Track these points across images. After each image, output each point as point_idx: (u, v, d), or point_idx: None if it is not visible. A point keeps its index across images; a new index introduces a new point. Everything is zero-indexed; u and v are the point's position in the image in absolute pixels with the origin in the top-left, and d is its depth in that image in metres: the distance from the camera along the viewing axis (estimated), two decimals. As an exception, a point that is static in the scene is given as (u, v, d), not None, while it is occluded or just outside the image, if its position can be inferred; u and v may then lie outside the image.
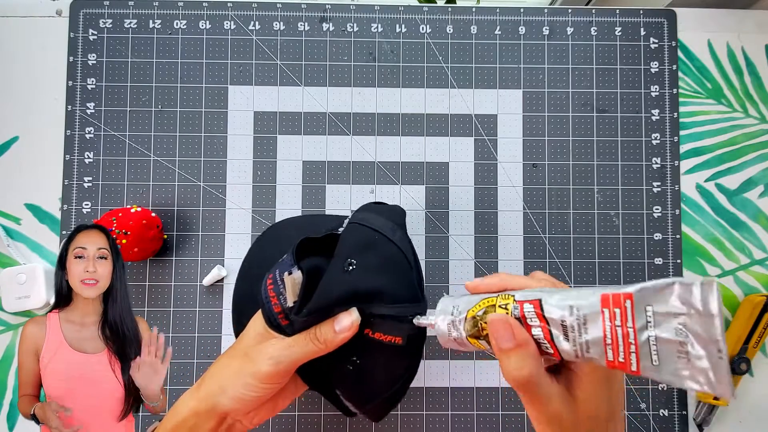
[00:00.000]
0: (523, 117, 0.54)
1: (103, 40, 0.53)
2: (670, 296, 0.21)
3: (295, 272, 0.30)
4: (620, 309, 0.22)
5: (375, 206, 0.39)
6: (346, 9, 0.54)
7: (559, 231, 0.53)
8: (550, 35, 0.55)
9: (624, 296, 0.22)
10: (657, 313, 0.21)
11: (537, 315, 0.24)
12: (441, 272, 0.52)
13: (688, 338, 0.20)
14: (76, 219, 0.51)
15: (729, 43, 0.55)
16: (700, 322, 0.20)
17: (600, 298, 0.22)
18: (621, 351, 0.22)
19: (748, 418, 0.52)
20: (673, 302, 0.21)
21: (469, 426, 0.50)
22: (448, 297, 0.30)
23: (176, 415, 0.32)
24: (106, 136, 0.52)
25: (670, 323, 0.21)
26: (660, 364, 0.21)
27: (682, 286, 0.20)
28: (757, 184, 0.54)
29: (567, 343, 0.23)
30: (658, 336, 0.21)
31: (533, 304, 0.24)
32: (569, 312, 0.23)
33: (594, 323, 0.22)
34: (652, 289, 0.21)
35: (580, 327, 0.23)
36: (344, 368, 0.33)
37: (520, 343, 0.24)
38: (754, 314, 0.50)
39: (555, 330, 0.24)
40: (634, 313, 0.21)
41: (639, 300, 0.21)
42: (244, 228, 0.52)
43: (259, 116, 0.53)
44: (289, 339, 0.31)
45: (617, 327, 0.22)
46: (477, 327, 0.27)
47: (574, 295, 0.23)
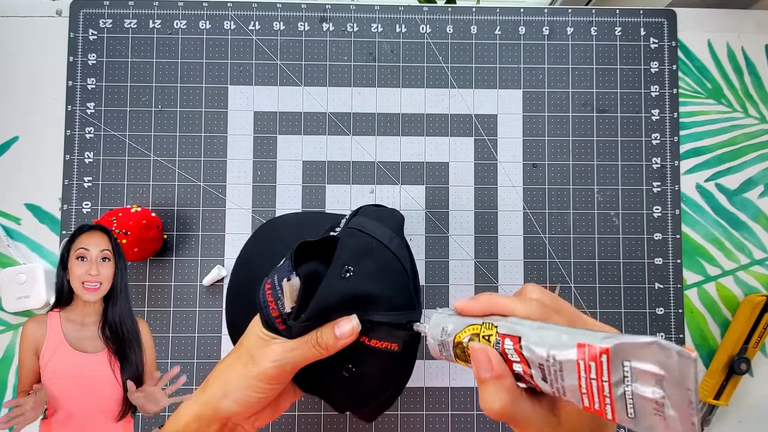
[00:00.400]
0: (523, 117, 0.54)
1: (103, 40, 0.53)
2: (648, 355, 0.20)
3: (293, 278, 0.31)
4: (596, 363, 0.21)
5: (374, 211, 0.39)
6: (346, 9, 0.54)
7: (559, 231, 0.53)
8: (550, 35, 0.55)
9: (600, 351, 0.21)
10: (635, 369, 0.20)
11: (516, 352, 0.24)
12: (441, 272, 0.52)
13: (664, 399, 0.20)
14: (76, 219, 0.51)
15: (729, 43, 0.55)
16: (676, 389, 0.19)
17: (576, 348, 0.22)
18: (596, 401, 0.21)
19: (748, 418, 0.52)
20: (651, 362, 0.20)
21: (469, 426, 0.50)
22: (440, 314, 0.29)
23: (178, 420, 0.32)
24: (106, 136, 0.52)
25: (647, 380, 0.20)
26: (636, 417, 0.21)
27: (660, 348, 0.20)
28: (757, 184, 0.54)
29: (545, 383, 0.23)
30: (634, 392, 0.20)
31: (513, 340, 0.24)
32: (546, 355, 0.23)
33: (570, 372, 0.22)
34: (630, 345, 0.20)
35: (556, 372, 0.22)
36: (340, 375, 0.33)
37: (497, 375, 0.25)
38: (754, 314, 0.50)
39: (533, 370, 0.24)
40: (610, 367, 0.21)
41: (616, 355, 0.21)
42: (244, 228, 0.52)
43: (259, 116, 0.53)
44: (291, 342, 0.31)
45: (592, 379, 0.21)
46: (464, 352, 0.27)
47: (552, 339, 0.23)
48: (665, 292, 0.52)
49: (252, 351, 0.32)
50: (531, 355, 0.23)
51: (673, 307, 0.52)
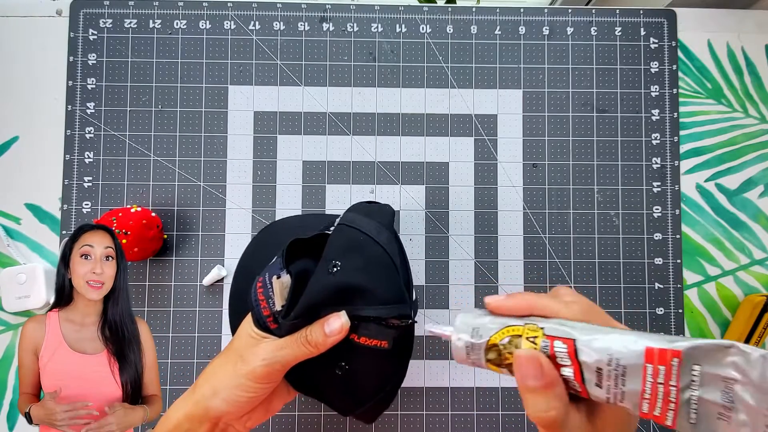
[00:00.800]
0: (523, 117, 0.54)
1: (103, 40, 0.53)
2: (723, 359, 0.20)
3: (283, 276, 0.30)
4: (665, 366, 0.20)
5: (365, 206, 0.39)
6: (346, 9, 0.54)
7: (559, 231, 0.53)
8: (550, 35, 0.55)
9: (672, 353, 0.20)
10: (705, 374, 0.20)
11: (570, 355, 0.23)
12: (441, 272, 0.52)
13: (734, 404, 0.19)
14: (76, 219, 0.51)
15: (729, 43, 0.55)
16: (754, 393, 0.19)
17: (644, 351, 0.21)
18: (659, 406, 0.21)
19: (748, 418, 0.52)
20: (726, 366, 0.19)
21: (469, 426, 0.50)
22: (468, 313, 0.27)
23: (169, 419, 0.32)
24: (106, 136, 0.52)
25: (717, 385, 0.20)
26: (697, 423, 0.20)
27: (740, 351, 0.19)
28: (757, 184, 0.54)
29: (599, 389, 0.22)
30: (701, 397, 0.20)
31: (567, 343, 0.23)
32: (607, 359, 0.21)
33: (634, 376, 0.21)
34: (705, 349, 0.20)
35: (617, 377, 0.21)
36: (333, 373, 0.33)
37: (548, 383, 0.23)
38: (754, 314, 0.50)
39: (588, 375, 0.22)
40: (680, 372, 0.20)
41: (687, 358, 0.20)
42: (244, 228, 0.52)
43: (259, 116, 0.53)
44: (281, 341, 0.31)
45: (659, 384, 0.20)
46: (500, 356, 0.25)
47: (615, 342, 0.22)
48: (665, 292, 0.52)
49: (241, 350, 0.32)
50: (588, 359, 0.22)
51: (673, 307, 0.52)
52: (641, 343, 0.21)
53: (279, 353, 0.31)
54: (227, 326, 0.51)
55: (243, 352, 0.32)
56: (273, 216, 0.52)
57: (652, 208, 0.53)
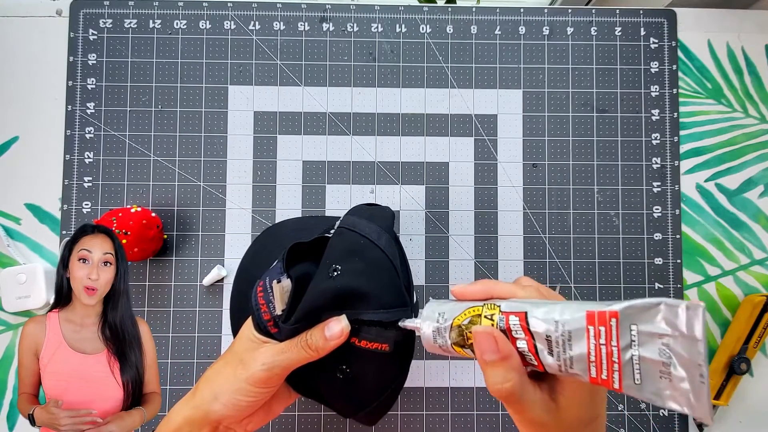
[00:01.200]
0: (523, 117, 0.54)
1: (103, 40, 0.53)
2: (655, 316, 0.21)
3: (284, 280, 0.30)
4: (605, 327, 0.21)
5: (365, 209, 0.39)
6: (346, 9, 0.54)
7: (559, 231, 0.53)
8: (550, 35, 0.55)
9: (610, 314, 0.21)
10: (641, 333, 0.21)
11: (522, 328, 0.24)
12: (441, 272, 0.52)
13: (671, 359, 0.20)
14: (76, 219, 0.51)
15: (729, 43, 0.55)
16: (684, 344, 0.20)
17: (585, 314, 0.22)
18: (604, 369, 0.22)
19: (748, 418, 0.52)
20: (659, 322, 0.20)
21: (469, 426, 0.50)
22: (435, 302, 0.29)
23: (169, 423, 0.32)
24: (106, 136, 0.52)
25: (654, 343, 0.21)
26: (642, 383, 0.21)
27: (667, 306, 0.20)
28: (757, 184, 0.54)
29: (551, 357, 0.23)
30: (641, 355, 0.21)
31: (519, 316, 0.24)
32: (554, 327, 0.23)
33: (578, 340, 0.22)
34: (638, 307, 0.21)
35: (564, 343, 0.23)
36: (334, 377, 0.33)
37: (504, 356, 0.24)
38: (754, 314, 0.50)
39: (540, 344, 0.24)
40: (618, 331, 0.21)
41: (624, 318, 0.21)
42: (244, 228, 0.52)
43: (259, 116, 0.53)
44: (282, 345, 0.31)
45: (601, 345, 0.22)
46: (462, 336, 0.27)
47: (560, 310, 0.23)
48: (665, 292, 0.52)
49: (242, 355, 0.32)
50: (538, 328, 0.23)
51: (673, 307, 0.52)
52: (583, 309, 0.22)
53: (279, 357, 0.31)
54: (227, 326, 0.51)
55: (243, 356, 0.32)
56: (273, 216, 0.52)
57: (652, 208, 0.53)
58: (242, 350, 0.32)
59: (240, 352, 0.32)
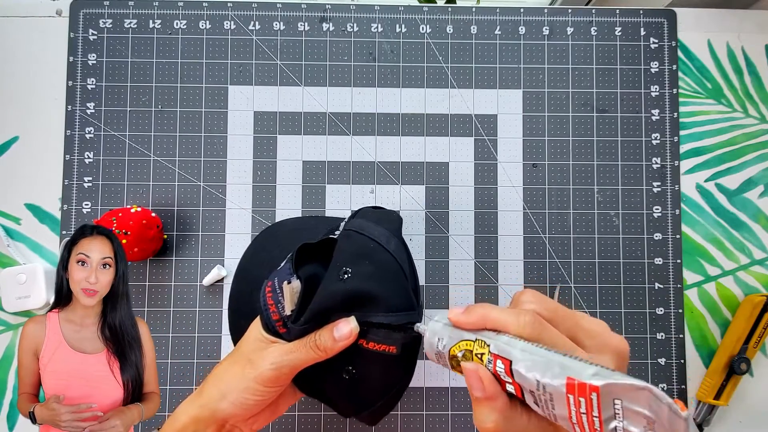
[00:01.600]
0: (523, 117, 0.54)
1: (103, 40, 0.53)
2: (640, 399, 0.20)
3: (293, 281, 0.31)
4: (585, 399, 0.21)
5: (372, 212, 0.39)
6: (346, 9, 0.54)
7: (559, 231, 0.53)
8: (550, 35, 0.55)
9: (590, 388, 0.21)
10: (626, 408, 0.20)
11: (508, 374, 0.24)
12: (441, 272, 0.52)
13: None
14: (76, 219, 0.51)
15: (729, 43, 0.55)
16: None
17: (566, 382, 0.21)
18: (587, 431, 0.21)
19: (748, 418, 0.52)
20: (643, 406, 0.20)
21: (469, 426, 0.50)
22: (436, 322, 0.29)
23: (175, 422, 0.32)
24: (106, 136, 0.52)
25: (639, 420, 0.20)
26: None
27: (653, 397, 0.20)
28: (757, 184, 0.54)
29: (537, 407, 0.23)
30: (625, 428, 0.21)
31: (505, 363, 0.24)
32: (536, 385, 0.22)
33: (560, 402, 0.22)
34: (621, 387, 0.20)
35: (547, 402, 0.22)
36: (340, 377, 0.33)
37: (489, 397, 0.24)
38: (754, 314, 0.50)
39: (526, 394, 0.23)
40: (600, 404, 0.21)
41: (606, 394, 0.21)
42: (244, 228, 0.52)
43: (259, 116, 0.53)
44: (290, 345, 0.31)
45: (582, 413, 0.21)
46: (459, 365, 0.27)
47: (542, 368, 0.22)
48: (665, 292, 0.52)
49: (250, 354, 0.32)
50: (523, 381, 0.23)
51: (673, 307, 0.52)
52: (563, 374, 0.22)
53: (288, 357, 0.31)
54: (227, 326, 0.51)
55: (251, 355, 0.32)
56: (273, 216, 0.52)
57: (652, 208, 0.53)
58: (250, 350, 0.32)
59: (248, 351, 0.32)
